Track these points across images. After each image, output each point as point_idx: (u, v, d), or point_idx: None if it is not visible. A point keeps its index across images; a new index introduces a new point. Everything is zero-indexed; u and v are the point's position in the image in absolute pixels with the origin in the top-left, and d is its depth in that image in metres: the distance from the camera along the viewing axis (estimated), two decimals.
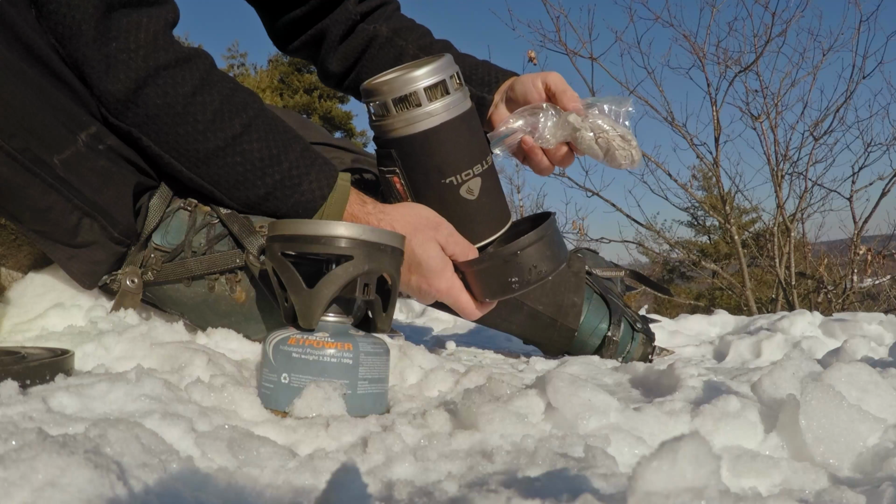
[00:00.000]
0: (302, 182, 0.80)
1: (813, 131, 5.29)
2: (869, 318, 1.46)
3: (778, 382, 0.61)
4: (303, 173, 0.80)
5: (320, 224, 0.66)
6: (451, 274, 0.85)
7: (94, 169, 0.74)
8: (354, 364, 0.63)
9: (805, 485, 0.48)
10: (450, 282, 0.85)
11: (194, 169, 0.78)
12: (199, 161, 0.77)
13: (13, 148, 0.68)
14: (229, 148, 0.77)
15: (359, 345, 0.64)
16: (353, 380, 0.63)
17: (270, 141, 0.79)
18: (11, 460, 0.34)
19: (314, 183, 0.81)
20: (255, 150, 0.78)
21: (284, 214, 0.81)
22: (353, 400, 0.62)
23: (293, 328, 0.66)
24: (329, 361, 0.63)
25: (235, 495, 0.41)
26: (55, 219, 0.73)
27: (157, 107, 0.74)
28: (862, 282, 5.21)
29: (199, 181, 0.79)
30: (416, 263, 0.83)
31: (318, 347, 0.63)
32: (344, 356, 0.63)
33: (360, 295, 0.67)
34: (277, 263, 0.68)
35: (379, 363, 0.66)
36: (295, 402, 0.60)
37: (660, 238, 6.96)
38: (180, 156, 0.77)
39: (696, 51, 5.41)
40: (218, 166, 0.78)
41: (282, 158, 0.80)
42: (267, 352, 0.65)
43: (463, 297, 0.87)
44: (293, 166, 0.80)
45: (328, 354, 0.63)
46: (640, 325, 1.18)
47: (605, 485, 0.42)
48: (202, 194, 0.82)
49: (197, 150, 0.77)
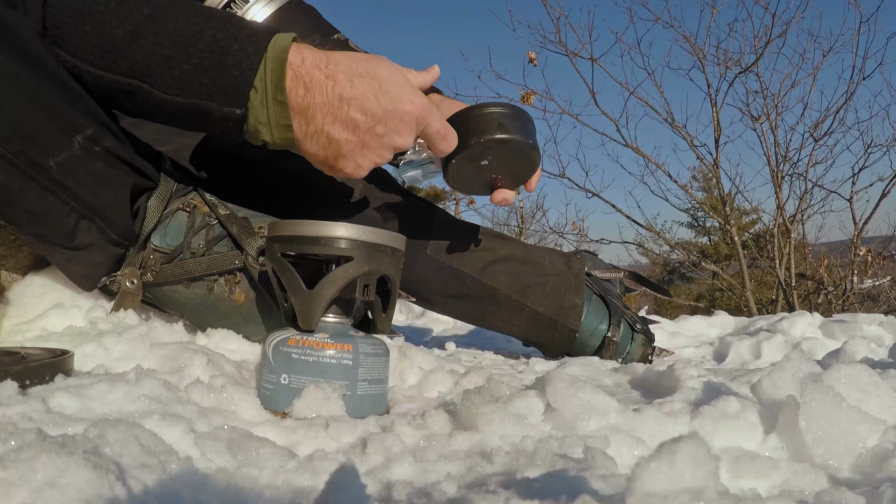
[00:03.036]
0: (231, 45, 0.71)
1: (813, 132, 5.29)
2: (869, 319, 1.46)
3: (778, 383, 0.61)
4: (230, 36, 0.72)
5: (320, 225, 0.66)
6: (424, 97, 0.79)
7: (89, 171, 0.74)
8: (354, 365, 0.63)
9: (804, 486, 0.48)
10: (426, 100, 0.78)
11: (112, 65, 0.71)
12: (114, 54, 0.70)
13: (9, 152, 0.68)
14: (141, 29, 0.70)
15: (358, 346, 0.64)
16: (352, 381, 0.63)
17: (188, 17, 0.72)
18: (10, 460, 0.34)
19: (245, 41, 0.72)
20: (172, 28, 0.71)
21: (222, 86, 0.72)
22: (353, 401, 0.63)
23: (293, 329, 0.66)
24: (329, 362, 0.63)
25: (235, 496, 0.41)
26: (52, 222, 0.73)
27: (61, 12, 0.69)
28: (862, 283, 5.21)
29: (122, 80, 0.71)
30: (387, 85, 0.75)
31: (318, 348, 0.63)
32: (344, 357, 0.63)
33: (360, 296, 0.67)
34: (277, 264, 0.68)
35: (379, 364, 0.66)
36: (294, 403, 0.60)
37: (660, 239, 6.96)
38: (95, 58, 0.71)
39: (696, 52, 5.41)
40: (133, 52, 0.70)
41: (203, 28, 0.72)
42: (267, 353, 0.65)
43: (440, 116, 0.81)
44: (217, 32, 0.72)
45: (328, 355, 0.63)
46: (639, 326, 1.18)
47: (604, 486, 0.42)
48: (131, 95, 0.73)
49: (110, 44, 0.70)
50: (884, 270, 5.52)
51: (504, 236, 1.23)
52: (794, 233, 5.43)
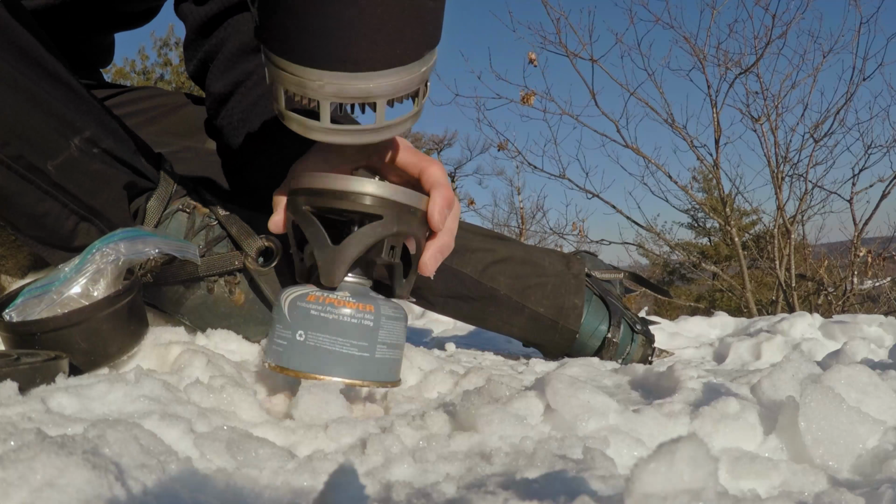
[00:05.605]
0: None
1: (813, 133, 5.29)
2: (869, 320, 1.45)
3: (777, 384, 0.61)
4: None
5: (350, 180, 0.62)
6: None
7: (87, 173, 0.74)
8: (375, 326, 0.61)
9: (804, 487, 0.48)
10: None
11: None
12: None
13: (7, 156, 0.68)
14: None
15: (380, 308, 0.62)
16: (371, 342, 0.61)
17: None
18: (10, 461, 0.34)
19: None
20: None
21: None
22: (370, 364, 0.61)
23: (311, 285, 0.63)
24: (349, 322, 0.60)
25: (234, 496, 0.41)
26: (52, 224, 0.73)
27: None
28: (862, 284, 5.21)
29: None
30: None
31: (339, 306, 0.60)
32: (365, 317, 0.61)
33: (387, 257, 0.63)
34: (301, 217, 0.64)
35: (398, 329, 0.63)
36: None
37: (660, 240, 6.96)
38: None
39: (696, 53, 5.42)
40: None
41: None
42: (281, 308, 0.62)
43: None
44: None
45: (348, 314, 0.60)
46: (639, 327, 1.18)
47: (603, 486, 0.42)
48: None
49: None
50: (884, 271, 5.52)
51: (504, 237, 1.23)
52: (794, 234, 5.43)
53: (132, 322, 0.70)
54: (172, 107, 1.15)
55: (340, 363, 0.61)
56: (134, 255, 0.68)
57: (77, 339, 0.64)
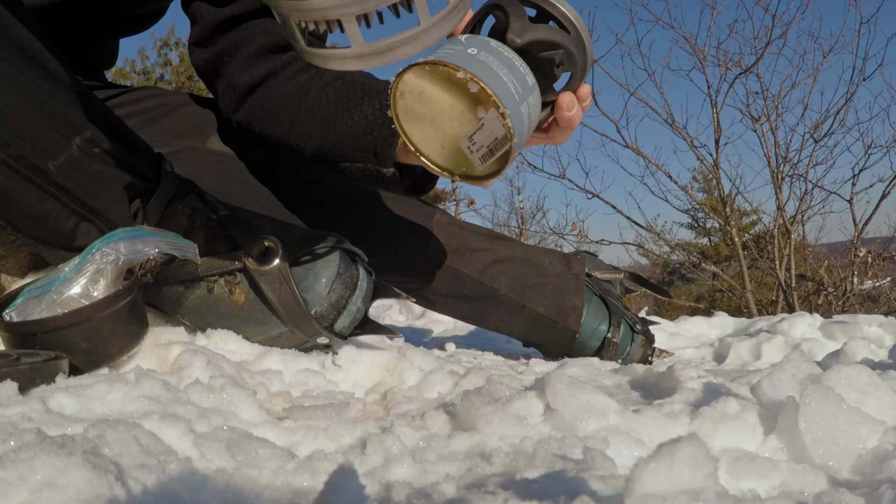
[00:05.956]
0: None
1: (813, 133, 5.30)
2: (869, 320, 1.45)
3: (777, 384, 0.61)
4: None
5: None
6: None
7: (88, 173, 0.74)
8: (532, 91, 0.66)
9: (804, 487, 0.48)
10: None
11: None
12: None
13: (8, 156, 0.68)
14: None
15: (538, 94, 0.67)
16: (524, 95, 0.65)
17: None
18: (10, 461, 0.34)
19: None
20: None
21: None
22: (515, 105, 0.64)
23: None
24: (520, 68, 0.65)
25: (234, 496, 0.41)
26: (52, 225, 0.73)
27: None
28: (862, 284, 5.21)
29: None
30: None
31: (515, 56, 0.65)
32: (529, 77, 0.66)
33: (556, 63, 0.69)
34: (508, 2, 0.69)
35: (534, 118, 0.69)
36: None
37: (660, 240, 6.96)
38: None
39: (696, 53, 5.43)
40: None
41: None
42: (458, 38, 0.66)
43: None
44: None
45: (520, 63, 0.65)
46: (639, 327, 1.18)
47: (603, 486, 0.42)
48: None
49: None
50: (884, 271, 5.52)
51: (504, 237, 1.24)
52: (794, 234, 5.43)
53: (132, 322, 0.70)
54: (173, 107, 1.15)
55: (499, 84, 0.63)
56: (134, 254, 0.68)
57: (77, 339, 0.64)
